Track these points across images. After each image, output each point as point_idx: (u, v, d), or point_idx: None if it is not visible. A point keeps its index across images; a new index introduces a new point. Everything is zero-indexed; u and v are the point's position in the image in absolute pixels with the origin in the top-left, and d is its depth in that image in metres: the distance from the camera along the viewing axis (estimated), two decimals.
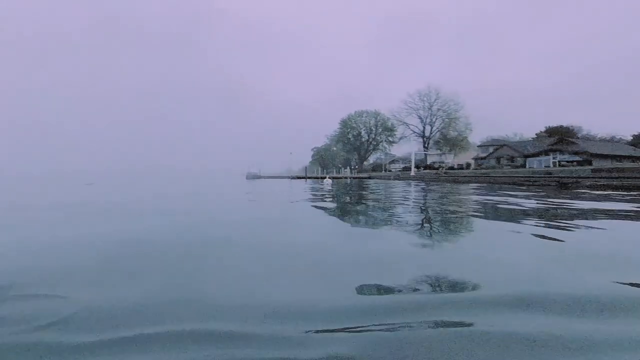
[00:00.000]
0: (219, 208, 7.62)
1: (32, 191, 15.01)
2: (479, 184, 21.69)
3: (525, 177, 22.63)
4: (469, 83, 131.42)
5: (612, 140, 53.98)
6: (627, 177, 17.11)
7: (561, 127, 59.11)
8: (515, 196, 10.60)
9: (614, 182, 16.74)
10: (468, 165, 56.39)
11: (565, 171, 21.19)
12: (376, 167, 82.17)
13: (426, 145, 56.61)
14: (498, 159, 55.52)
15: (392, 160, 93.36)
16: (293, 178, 50.73)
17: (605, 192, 12.16)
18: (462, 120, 51.41)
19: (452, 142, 52.89)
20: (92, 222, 5.26)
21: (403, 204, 8.22)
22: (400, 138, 59.62)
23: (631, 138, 58.35)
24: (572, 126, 58.25)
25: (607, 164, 40.58)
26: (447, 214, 6.13)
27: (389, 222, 5.13)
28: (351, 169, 75.67)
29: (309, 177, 51.66)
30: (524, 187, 16.83)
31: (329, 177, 19.43)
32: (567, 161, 42.42)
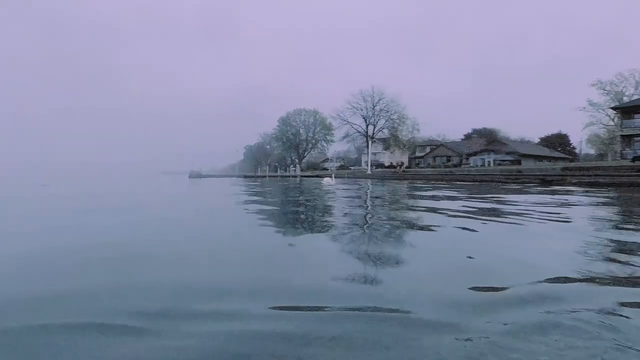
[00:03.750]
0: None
1: None
2: (474, 183, 21.70)
3: (503, 175, 23.38)
4: (392, 86, 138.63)
5: (528, 142, 60.83)
6: (597, 175, 18.44)
7: (485, 129, 64.92)
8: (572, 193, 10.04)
9: (588, 179, 17.82)
10: (402, 164, 58.59)
11: (535, 169, 22.24)
12: (310, 166, 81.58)
13: (369, 144, 57.40)
14: (434, 158, 58.80)
15: (325, 159, 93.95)
16: (247, 177, 47.00)
17: (586, 189, 12.48)
18: (411, 121, 53.14)
19: (402, 142, 54.36)
20: None
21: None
22: (344, 137, 59.54)
23: (539, 140, 66.71)
24: (494, 129, 64.31)
25: (531, 163, 45.39)
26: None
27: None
28: (287, 168, 73.85)
29: (263, 176, 48.47)
30: (514, 185, 17.03)
31: (331, 177, 17.22)
32: (501, 160, 46.43)
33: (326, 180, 16.48)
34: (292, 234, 4.25)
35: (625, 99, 45.01)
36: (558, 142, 63.27)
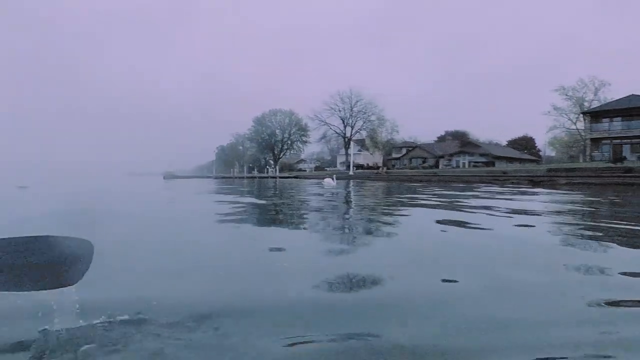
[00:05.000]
0: None
1: None
2: (466, 183, 21.91)
3: (490, 175, 23.88)
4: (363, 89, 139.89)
5: (497, 145, 63.18)
6: (588, 176, 19.20)
7: (457, 131, 66.81)
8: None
9: (578, 180, 18.50)
10: (384, 166, 59.17)
11: (520, 170, 22.84)
12: (284, 167, 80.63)
13: (347, 145, 57.43)
14: (411, 160, 59.77)
15: (300, 160, 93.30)
16: (224, 177, 45.24)
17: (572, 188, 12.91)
18: (390, 122, 53.61)
19: (381, 144, 54.72)
20: None
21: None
22: (322, 138, 59.26)
23: (506, 143, 69.57)
24: (465, 131, 66.30)
25: (503, 165, 47.11)
26: None
27: None
28: (264, 169, 72.51)
29: (241, 177, 46.89)
30: (511, 185, 17.39)
31: (332, 178, 16.68)
32: (475, 162, 47.86)
33: (327, 181, 15.93)
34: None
35: (586, 104, 47.85)
36: (524, 145, 66.30)
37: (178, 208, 8.05)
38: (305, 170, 73.49)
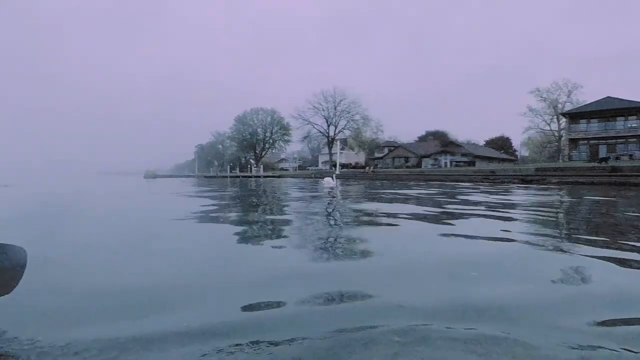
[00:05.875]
0: None
1: None
2: (457, 182, 22.04)
3: (479, 175, 24.18)
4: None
5: (475, 145, 64.68)
6: (577, 175, 19.73)
7: (438, 131, 67.95)
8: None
9: (569, 179, 18.98)
10: (371, 165, 59.31)
11: (508, 170, 23.25)
12: (265, 166, 79.47)
13: (331, 144, 57.26)
14: (393, 159, 60.23)
15: (281, 160, 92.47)
16: (207, 177, 43.84)
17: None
18: (375, 122, 53.76)
19: (366, 143, 54.80)
20: None
21: None
22: (305, 137, 58.84)
23: (484, 142, 71.37)
24: (445, 131, 67.53)
25: (484, 165, 48.21)
26: None
27: None
28: (248, 168, 71.22)
29: (224, 176, 45.63)
30: (504, 185, 17.62)
31: (332, 177, 16.32)
32: (457, 161, 48.70)
33: (327, 180, 15.65)
34: None
35: (560, 106, 49.81)
36: (501, 145, 68.21)
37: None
38: (287, 170, 72.85)
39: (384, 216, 5.42)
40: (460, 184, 19.22)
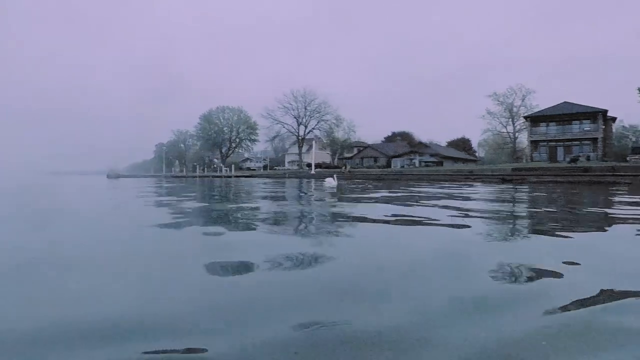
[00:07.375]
0: None
1: None
2: (441, 182, 22.54)
3: (459, 174, 25.01)
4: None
5: (438, 145, 67.21)
6: (555, 175, 20.99)
7: (404, 132, 69.84)
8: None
9: (547, 179, 20.15)
10: (348, 165, 59.53)
11: (486, 169, 24.27)
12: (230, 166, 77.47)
13: (301, 144, 56.93)
14: (362, 160, 61.00)
15: (245, 159, 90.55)
16: (175, 177, 41.43)
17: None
18: (347, 122, 54.03)
19: (338, 143, 54.89)
20: None
21: None
22: (275, 136, 58.00)
23: (446, 143, 74.38)
24: (410, 132, 69.59)
25: (450, 165, 50.20)
26: None
27: None
28: (218, 168, 68.91)
29: (193, 176, 43.45)
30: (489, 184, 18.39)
31: (332, 177, 16.04)
32: (426, 161, 50.26)
33: (328, 180, 15.42)
34: None
35: (515, 109, 53.18)
36: (462, 146, 71.48)
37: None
38: (255, 169, 71.37)
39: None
40: (455, 183, 19.73)
